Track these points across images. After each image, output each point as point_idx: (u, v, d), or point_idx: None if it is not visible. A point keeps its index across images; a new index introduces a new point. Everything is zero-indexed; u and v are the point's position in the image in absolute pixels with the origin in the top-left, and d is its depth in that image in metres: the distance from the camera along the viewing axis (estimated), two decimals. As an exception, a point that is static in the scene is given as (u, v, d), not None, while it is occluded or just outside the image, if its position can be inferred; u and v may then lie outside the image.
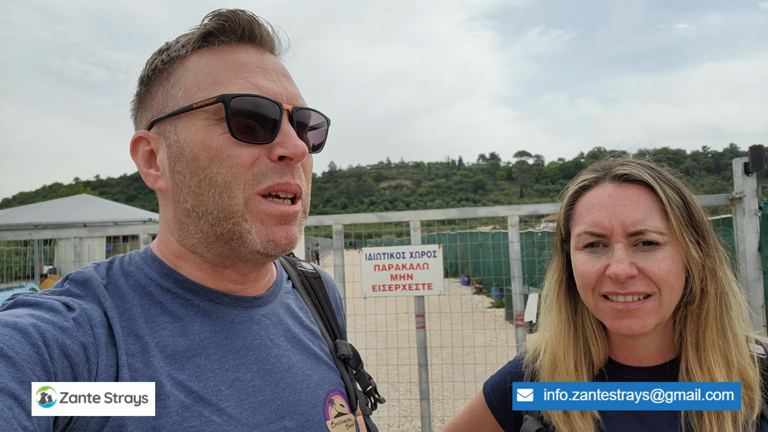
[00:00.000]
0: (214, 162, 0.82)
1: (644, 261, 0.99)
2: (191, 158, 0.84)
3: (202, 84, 0.85)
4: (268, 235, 0.84)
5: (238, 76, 0.85)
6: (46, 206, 16.83)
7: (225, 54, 0.87)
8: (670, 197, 1.01)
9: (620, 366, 1.11)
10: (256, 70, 0.87)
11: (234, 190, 0.82)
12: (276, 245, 0.85)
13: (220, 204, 0.83)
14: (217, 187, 0.82)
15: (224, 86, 0.84)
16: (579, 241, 1.07)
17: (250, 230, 0.84)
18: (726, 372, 1.00)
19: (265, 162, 0.84)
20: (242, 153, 0.83)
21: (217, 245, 0.86)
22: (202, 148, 0.83)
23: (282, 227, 0.86)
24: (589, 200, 1.07)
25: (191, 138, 0.84)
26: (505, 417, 1.24)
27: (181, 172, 0.85)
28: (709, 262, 1.02)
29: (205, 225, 0.85)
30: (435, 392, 5.67)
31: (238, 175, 0.82)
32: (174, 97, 0.87)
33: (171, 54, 0.88)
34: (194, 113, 0.84)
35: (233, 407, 0.82)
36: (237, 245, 0.85)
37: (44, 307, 0.74)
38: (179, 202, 0.87)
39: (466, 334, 5.66)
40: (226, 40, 0.88)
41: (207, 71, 0.86)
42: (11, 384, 0.62)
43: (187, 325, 0.84)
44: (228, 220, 0.83)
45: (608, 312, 1.02)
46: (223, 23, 0.87)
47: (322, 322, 1.08)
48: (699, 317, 1.03)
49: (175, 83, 0.87)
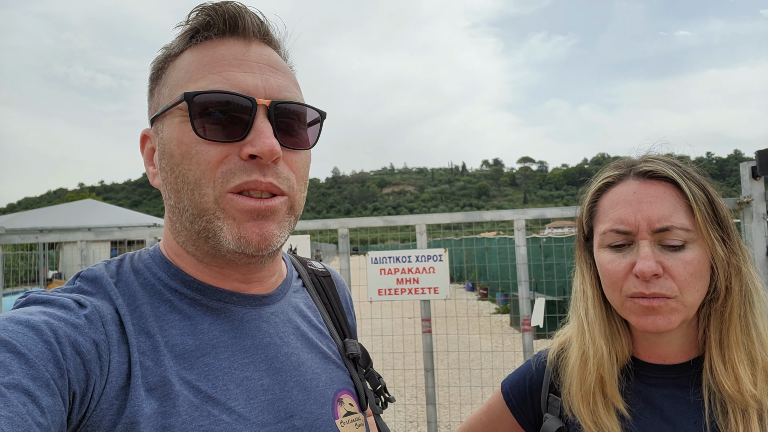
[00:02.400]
0: (186, 159, 0.82)
1: (670, 261, 0.98)
2: (169, 155, 0.84)
3: (180, 82, 0.85)
4: (239, 232, 0.81)
5: (212, 71, 0.83)
6: (51, 211, 16.89)
7: (206, 49, 0.86)
8: (695, 194, 1.00)
9: (644, 364, 1.10)
10: (234, 63, 0.84)
11: (204, 188, 0.81)
12: (248, 243, 0.82)
13: (193, 201, 0.82)
14: (189, 184, 0.82)
15: (195, 83, 0.83)
16: (604, 239, 1.06)
17: (222, 227, 0.82)
18: (750, 370, 0.99)
19: (235, 160, 0.81)
20: (209, 150, 0.81)
21: (199, 243, 0.86)
22: (176, 145, 0.83)
23: (255, 223, 0.82)
24: (614, 197, 1.06)
25: (169, 135, 0.84)
26: (525, 415, 1.23)
27: (164, 169, 0.86)
28: (734, 259, 1.01)
29: (186, 222, 0.85)
30: (440, 397, 5.65)
31: (207, 172, 0.81)
32: (163, 96, 0.87)
33: (167, 53, 0.89)
34: (173, 111, 0.84)
35: (242, 406, 0.81)
36: (214, 243, 0.84)
37: (56, 304, 0.74)
38: (167, 199, 0.87)
39: (471, 339, 5.64)
40: (209, 35, 0.86)
41: (187, 68, 0.85)
42: (25, 380, 0.62)
43: (196, 323, 0.84)
44: (202, 218, 0.82)
45: (634, 309, 1.01)
46: (206, 18, 0.86)
47: (332, 321, 1.07)
48: (723, 315, 1.02)
49: (165, 82, 0.88)
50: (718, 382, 0.99)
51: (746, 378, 0.97)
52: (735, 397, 0.97)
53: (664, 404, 1.04)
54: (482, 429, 1.32)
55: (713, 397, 1.00)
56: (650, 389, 1.07)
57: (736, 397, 0.97)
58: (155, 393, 0.75)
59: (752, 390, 0.96)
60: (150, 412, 0.73)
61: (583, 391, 1.09)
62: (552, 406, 1.17)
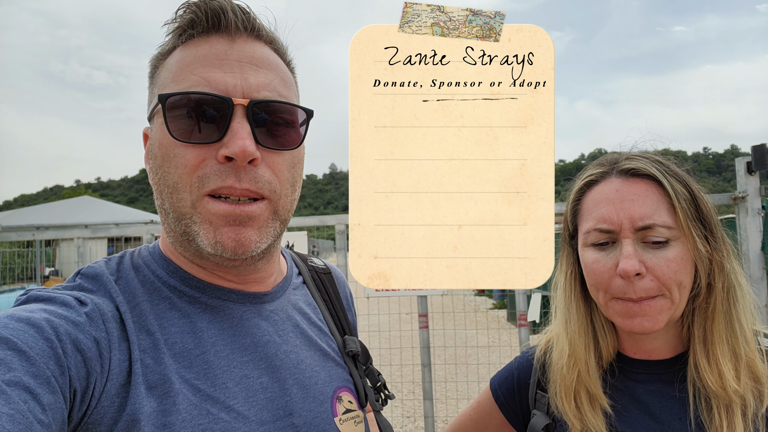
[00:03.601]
0: (165, 161, 0.82)
1: (653, 260, 0.99)
2: (154, 156, 0.85)
3: (165, 82, 0.85)
4: (215, 236, 0.81)
5: (192, 71, 0.82)
6: (48, 208, 16.85)
7: (190, 48, 0.85)
8: (677, 191, 1.01)
9: (630, 360, 1.11)
10: (214, 63, 0.82)
11: (181, 192, 0.81)
12: (225, 247, 0.80)
13: (173, 204, 0.82)
14: (169, 187, 0.82)
15: (177, 84, 0.82)
16: (587, 238, 1.07)
17: (199, 232, 0.81)
18: (734, 365, 0.99)
19: (212, 164, 0.80)
20: (186, 153, 0.80)
21: (185, 244, 0.86)
22: (158, 147, 0.83)
23: (231, 228, 0.81)
24: (596, 196, 1.07)
25: (154, 136, 0.85)
26: (513, 412, 1.24)
27: (151, 170, 0.86)
28: (717, 255, 1.02)
29: (172, 223, 0.85)
30: (438, 392, 5.67)
31: (184, 176, 0.80)
32: (153, 95, 0.88)
33: (161, 51, 0.89)
34: (158, 112, 0.84)
35: (241, 404, 0.82)
36: (195, 246, 0.84)
37: (57, 302, 0.74)
38: (155, 199, 0.87)
39: (468, 335, 5.67)
40: (194, 33, 0.86)
41: (171, 68, 0.85)
42: (26, 378, 0.62)
43: (195, 322, 0.85)
44: (181, 221, 0.83)
45: (619, 311, 1.02)
46: (191, 15, 0.85)
47: (332, 318, 1.08)
48: (706, 311, 1.03)
49: (156, 81, 0.88)
50: (702, 378, 1.00)
51: (729, 374, 0.98)
52: (718, 392, 0.98)
53: (649, 400, 1.05)
54: (472, 426, 1.32)
55: (698, 393, 1.01)
56: (636, 385, 1.08)
57: (719, 393, 0.98)
58: (155, 391, 0.75)
59: (735, 386, 0.97)
60: (150, 409, 0.73)
61: (566, 389, 1.09)
62: (540, 403, 1.17)
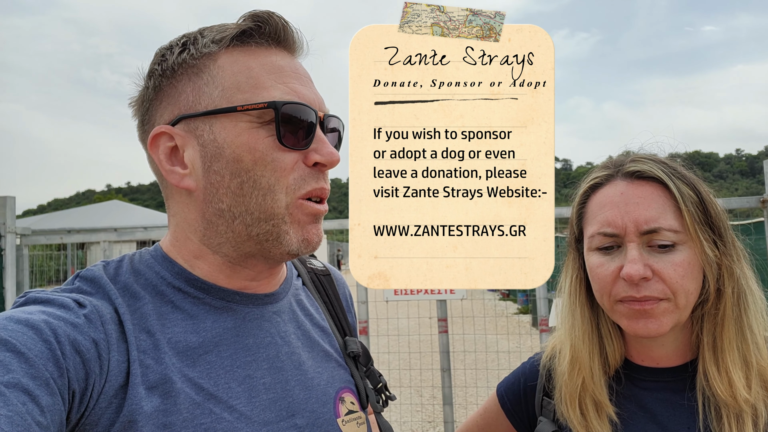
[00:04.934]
0: (259, 165, 0.84)
1: (659, 263, 0.97)
2: (233, 159, 0.84)
3: (242, 86, 0.85)
4: (303, 234, 0.88)
5: (278, 80, 0.86)
6: (79, 212, 17.28)
7: (260, 56, 0.88)
8: (684, 194, 0.98)
9: (637, 367, 1.08)
10: (292, 76, 0.89)
11: (277, 194, 0.85)
12: (309, 244, 0.89)
13: (263, 206, 0.85)
14: (261, 189, 0.84)
15: (266, 90, 0.85)
16: (592, 242, 1.05)
17: (288, 231, 0.86)
18: (744, 373, 0.96)
19: (302, 167, 0.87)
20: (285, 158, 0.85)
21: (247, 245, 0.87)
22: (247, 150, 0.84)
23: (314, 226, 0.90)
24: (601, 199, 1.05)
25: (233, 139, 0.84)
26: (519, 419, 1.22)
27: (219, 172, 0.85)
28: (726, 260, 0.99)
29: (240, 225, 0.86)
30: (459, 397, 5.62)
31: (281, 179, 0.85)
32: (209, 95, 0.85)
33: (201, 49, 0.87)
34: (236, 114, 0.84)
35: (244, 405, 0.82)
36: (270, 246, 0.87)
37: (55, 303, 0.75)
38: (212, 202, 0.86)
39: (490, 340, 5.61)
40: (260, 41, 0.88)
41: (246, 73, 0.86)
42: (24, 380, 0.63)
43: (199, 322, 0.85)
44: (268, 222, 0.85)
45: (625, 313, 0.99)
46: (260, 24, 0.88)
47: (332, 320, 1.08)
48: (716, 317, 1.00)
49: (209, 81, 0.86)
50: (711, 387, 0.97)
51: (740, 383, 0.95)
52: (729, 402, 0.95)
53: (657, 408, 1.03)
54: None
55: (707, 402, 0.98)
56: (643, 393, 1.05)
57: (729, 402, 0.95)
58: (156, 391, 0.76)
59: (746, 395, 0.94)
60: (150, 409, 0.74)
61: (570, 396, 1.07)
62: (546, 410, 1.15)
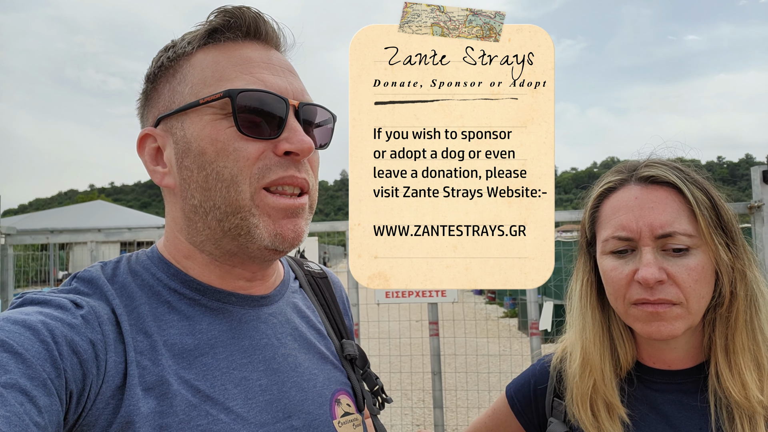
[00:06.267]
0: (221, 155, 0.83)
1: (673, 267, 0.97)
2: (198, 152, 0.84)
3: (208, 80, 0.86)
4: (275, 228, 0.85)
5: (244, 71, 0.86)
6: (62, 212, 17.08)
7: (231, 50, 0.88)
8: (698, 198, 0.99)
9: (649, 369, 1.09)
10: (262, 66, 0.87)
11: (240, 184, 0.83)
12: (284, 239, 0.85)
13: (228, 198, 0.83)
14: (224, 181, 0.83)
15: (230, 82, 0.85)
16: (606, 245, 1.05)
17: (258, 224, 0.84)
18: (757, 375, 0.97)
19: (271, 156, 0.84)
20: (248, 147, 0.83)
21: (225, 241, 0.86)
22: (210, 142, 0.83)
23: (289, 220, 0.86)
24: (615, 203, 1.05)
25: (198, 132, 0.84)
26: (529, 420, 1.22)
27: (188, 168, 0.85)
28: (739, 263, 1.00)
29: (213, 221, 0.85)
30: (448, 401, 5.63)
31: (244, 168, 0.83)
32: (180, 94, 0.87)
33: (177, 51, 0.89)
34: (201, 109, 0.85)
35: (240, 406, 0.82)
36: (245, 241, 0.85)
37: (53, 304, 0.74)
38: (187, 198, 0.87)
39: (479, 343, 5.63)
40: (231, 36, 0.88)
41: (213, 67, 0.86)
42: (22, 380, 0.63)
43: (195, 323, 0.85)
44: (236, 215, 0.84)
45: (638, 316, 1.00)
46: (229, 20, 0.88)
47: (329, 322, 1.08)
48: (728, 320, 1.01)
49: (181, 80, 0.88)
50: (724, 388, 0.98)
51: (753, 384, 0.96)
52: (742, 403, 0.96)
53: (669, 410, 1.03)
54: None
55: (719, 403, 0.99)
56: (655, 395, 1.06)
57: (742, 403, 0.96)
58: (152, 392, 0.75)
59: (759, 396, 0.95)
60: (147, 411, 0.73)
61: (581, 398, 1.08)
62: (556, 411, 1.16)
